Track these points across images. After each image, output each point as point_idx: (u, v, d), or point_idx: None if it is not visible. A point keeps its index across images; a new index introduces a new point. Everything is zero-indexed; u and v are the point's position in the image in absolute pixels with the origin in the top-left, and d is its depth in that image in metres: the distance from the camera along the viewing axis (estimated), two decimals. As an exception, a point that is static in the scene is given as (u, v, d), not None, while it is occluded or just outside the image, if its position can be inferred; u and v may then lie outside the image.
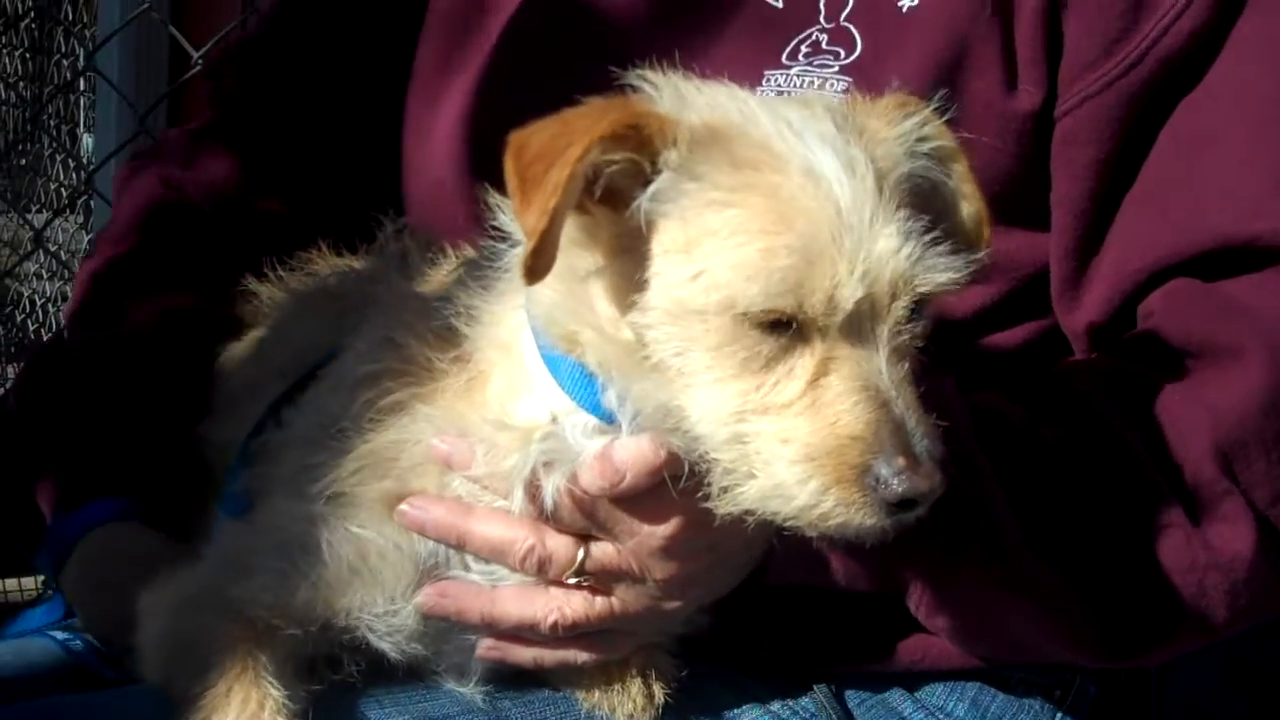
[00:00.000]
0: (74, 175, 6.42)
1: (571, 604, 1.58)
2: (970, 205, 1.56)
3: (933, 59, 1.76)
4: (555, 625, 1.58)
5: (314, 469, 1.64)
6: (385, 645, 1.63)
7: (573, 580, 1.58)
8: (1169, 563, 1.61)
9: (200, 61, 3.58)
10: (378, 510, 1.61)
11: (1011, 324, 1.84)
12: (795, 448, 1.38)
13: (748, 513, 1.43)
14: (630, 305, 1.43)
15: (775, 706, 1.79)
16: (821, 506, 1.38)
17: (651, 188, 1.41)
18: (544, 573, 1.57)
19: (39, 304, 6.33)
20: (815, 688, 1.80)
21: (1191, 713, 2.04)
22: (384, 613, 1.61)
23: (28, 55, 6.63)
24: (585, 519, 1.55)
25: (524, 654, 1.64)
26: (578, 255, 1.46)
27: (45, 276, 6.51)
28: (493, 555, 1.58)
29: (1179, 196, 1.73)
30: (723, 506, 1.44)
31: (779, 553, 1.62)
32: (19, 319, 6.43)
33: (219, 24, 3.99)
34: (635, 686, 1.71)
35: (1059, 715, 1.86)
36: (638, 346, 1.43)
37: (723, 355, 1.39)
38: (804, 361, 1.39)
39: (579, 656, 1.64)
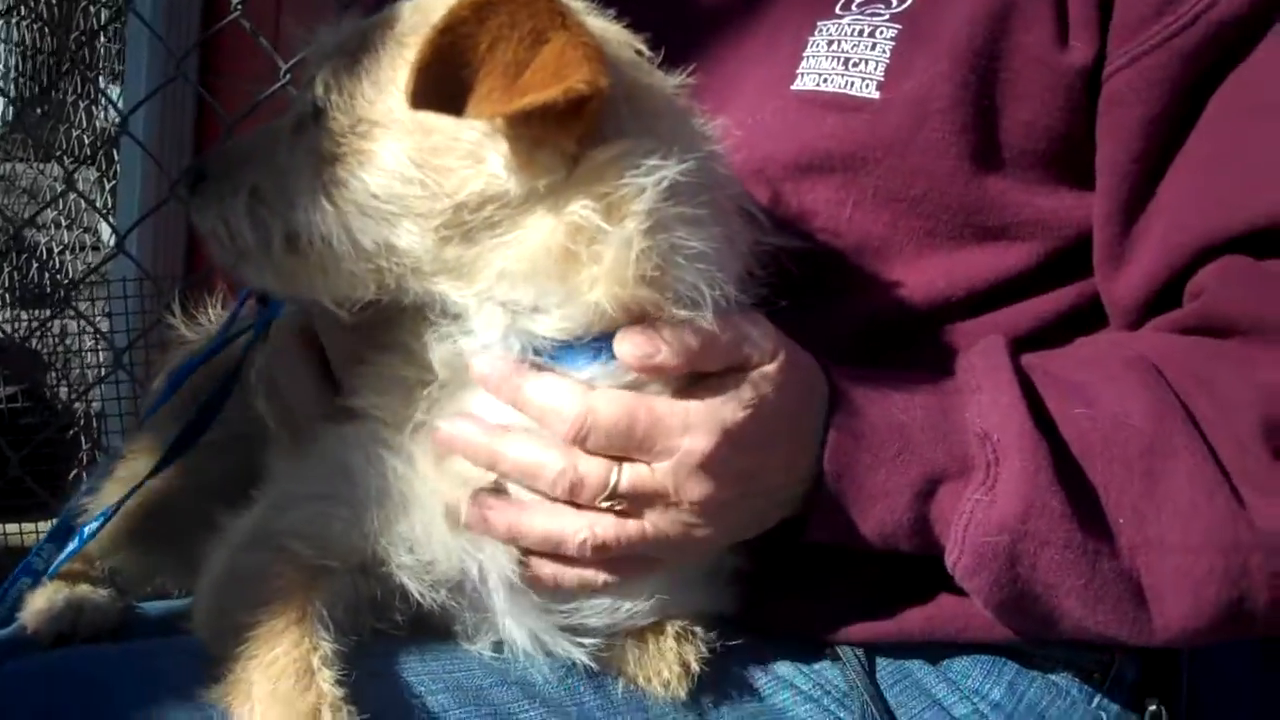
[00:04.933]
0: (95, 124, 6.40)
1: (602, 524, 1.56)
2: None
3: (983, 8, 1.74)
4: (584, 544, 1.56)
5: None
6: (413, 587, 1.60)
7: (605, 504, 1.55)
8: (1212, 540, 1.60)
9: (239, 6, 3.54)
10: (407, 429, 1.59)
11: (1056, 286, 1.82)
12: None
13: None
14: None
15: (806, 686, 1.78)
16: None
17: None
18: (576, 495, 1.55)
19: (56, 252, 6.31)
20: (847, 669, 1.78)
21: (1225, 695, 2.02)
22: (413, 547, 1.58)
23: (54, 1, 6.61)
24: (625, 434, 1.53)
25: (544, 569, 1.61)
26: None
27: (63, 225, 6.51)
28: (524, 478, 1.56)
29: (1230, 171, 1.71)
30: None
31: (819, 508, 1.62)
32: (34, 266, 6.42)
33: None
34: (671, 656, 1.69)
35: (1097, 698, 1.83)
36: None
37: None
38: None
39: (599, 578, 1.61)
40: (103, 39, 6.11)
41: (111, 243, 6.02)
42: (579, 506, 1.56)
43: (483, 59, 1.40)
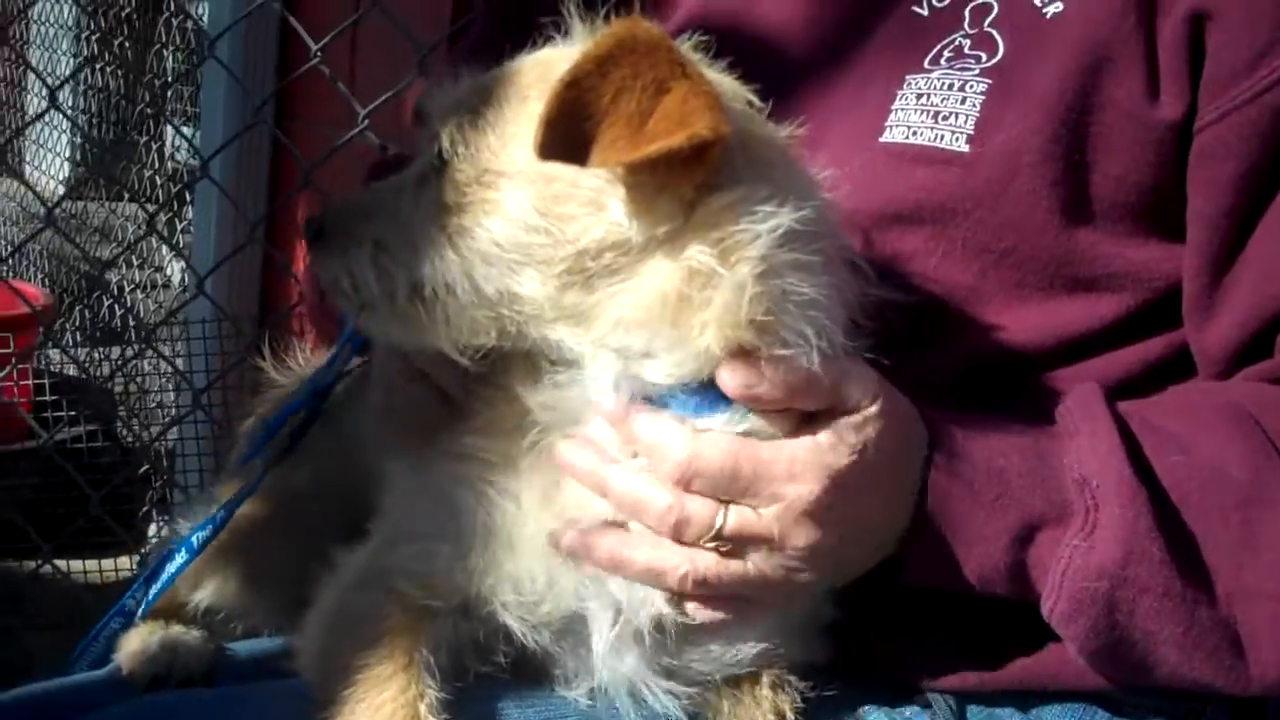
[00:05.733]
0: (167, 165, 6.49)
1: (704, 560, 1.56)
2: None
3: (1074, 63, 1.75)
4: (684, 578, 1.56)
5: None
6: (517, 627, 1.62)
7: (709, 545, 1.56)
8: None
9: (319, 54, 3.60)
10: (514, 467, 1.61)
11: (1145, 337, 1.82)
12: None
13: None
14: None
15: None
16: None
17: None
18: (681, 533, 1.55)
19: (126, 290, 6.40)
20: (938, 716, 1.77)
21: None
22: (519, 587, 1.60)
23: (126, 45, 6.72)
24: (729, 479, 1.54)
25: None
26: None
27: (135, 264, 6.60)
28: (630, 510, 1.57)
29: None
30: None
31: (917, 549, 1.62)
32: (106, 303, 6.50)
33: (332, 18, 4.04)
34: (767, 705, 1.69)
35: None
36: None
37: None
38: None
39: (699, 613, 1.61)
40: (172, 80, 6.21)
41: (179, 282, 6.12)
42: (682, 543, 1.57)
43: (606, 110, 1.44)
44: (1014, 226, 1.75)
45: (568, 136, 1.44)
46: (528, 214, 1.55)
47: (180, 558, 2.04)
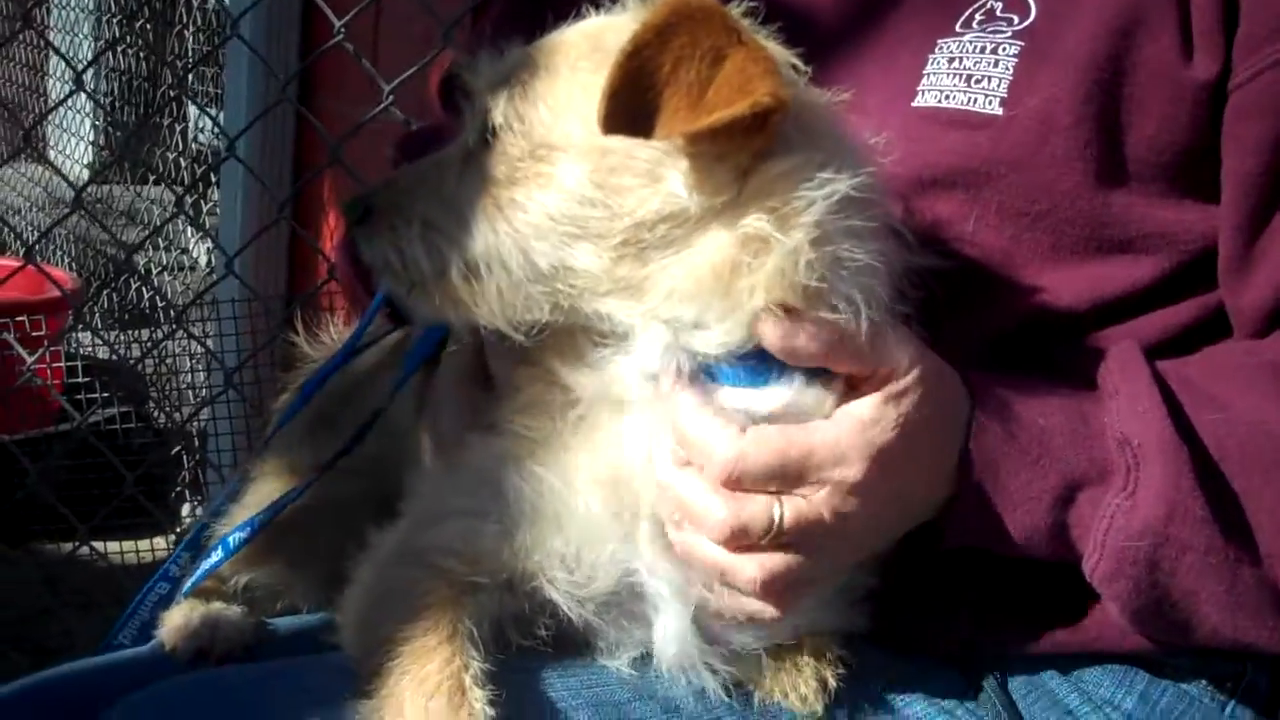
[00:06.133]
0: (191, 146, 6.51)
1: (772, 561, 1.56)
2: None
3: (1106, 24, 1.74)
4: (753, 581, 1.55)
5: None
6: (563, 602, 1.61)
7: (769, 543, 1.55)
8: None
9: (343, 30, 3.59)
10: (559, 444, 1.61)
11: (1181, 298, 1.81)
12: None
13: None
14: None
15: (939, 697, 1.78)
16: None
17: None
18: (740, 541, 1.54)
19: (154, 273, 6.42)
20: (983, 682, 1.78)
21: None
22: (567, 562, 1.60)
23: (148, 27, 6.73)
24: (777, 472, 1.53)
25: (722, 600, 1.62)
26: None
27: (162, 246, 6.63)
28: (688, 519, 1.57)
29: None
30: None
31: (959, 512, 1.62)
32: (133, 286, 6.53)
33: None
34: (809, 671, 1.70)
35: (1230, 705, 1.82)
36: None
37: None
38: None
39: (767, 611, 1.60)
40: (191, 59, 6.22)
41: (205, 264, 6.14)
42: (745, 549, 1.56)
43: (667, 80, 1.43)
44: (1047, 189, 1.74)
45: (631, 108, 1.43)
46: (584, 187, 1.54)
47: (216, 555, 2.05)
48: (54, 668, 1.99)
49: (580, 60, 1.58)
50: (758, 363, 1.56)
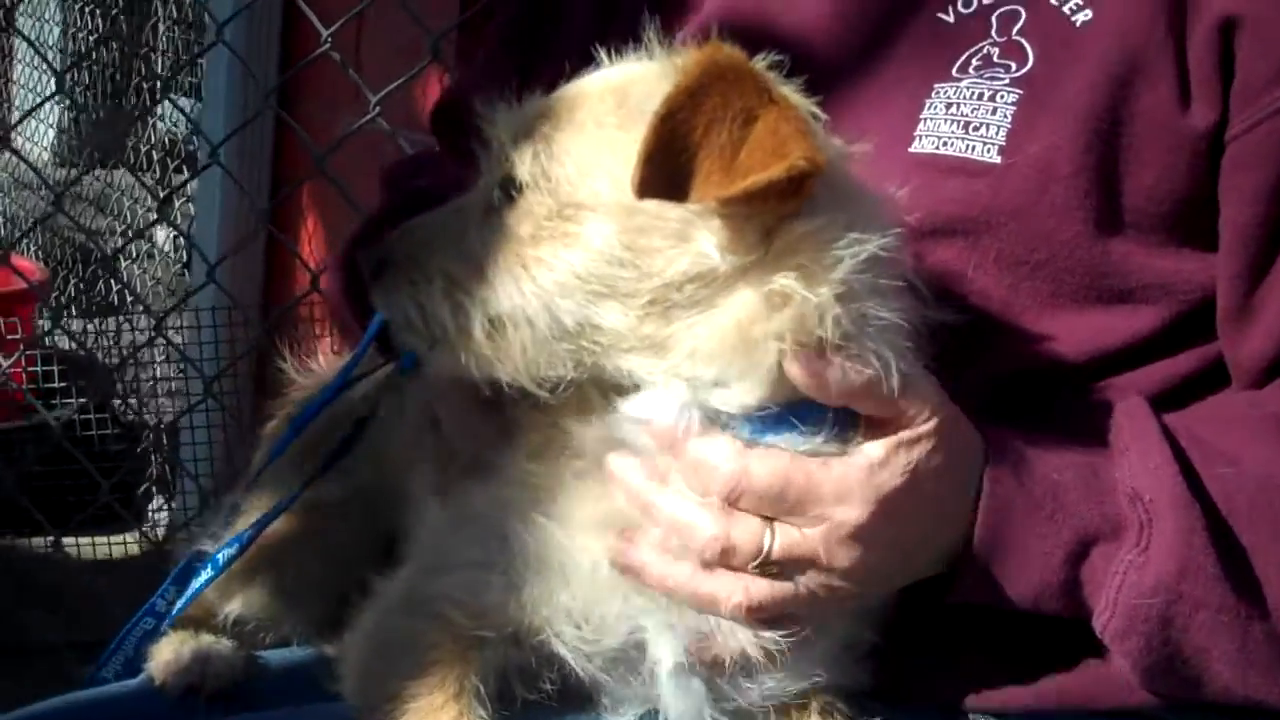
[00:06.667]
0: (164, 138, 6.43)
1: (756, 586, 1.56)
2: None
3: (1105, 72, 1.74)
4: (738, 606, 1.56)
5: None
6: (570, 657, 1.61)
7: (754, 569, 1.55)
8: None
9: (329, 40, 3.57)
10: (565, 495, 1.60)
11: (1179, 349, 1.81)
12: None
13: None
14: None
15: None
16: None
17: None
18: (727, 560, 1.55)
19: (122, 264, 6.35)
20: None
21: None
22: (574, 617, 1.59)
23: (120, 16, 6.65)
24: (777, 497, 1.53)
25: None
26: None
27: (120, 231, 6.56)
28: (675, 533, 1.56)
29: None
30: None
31: (970, 568, 1.62)
32: (101, 275, 6.46)
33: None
34: None
35: None
36: None
37: None
38: None
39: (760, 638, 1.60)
40: (165, 51, 6.16)
41: (168, 250, 6.08)
42: (731, 569, 1.57)
43: (700, 143, 1.42)
44: (1047, 238, 1.74)
45: (666, 173, 1.43)
46: (612, 247, 1.53)
47: (205, 574, 2.03)
48: (41, 703, 1.97)
49: (607, 116, 1.57)
50: (771, 416, 1.56)
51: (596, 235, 1.54)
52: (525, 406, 1.66)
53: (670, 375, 1.55)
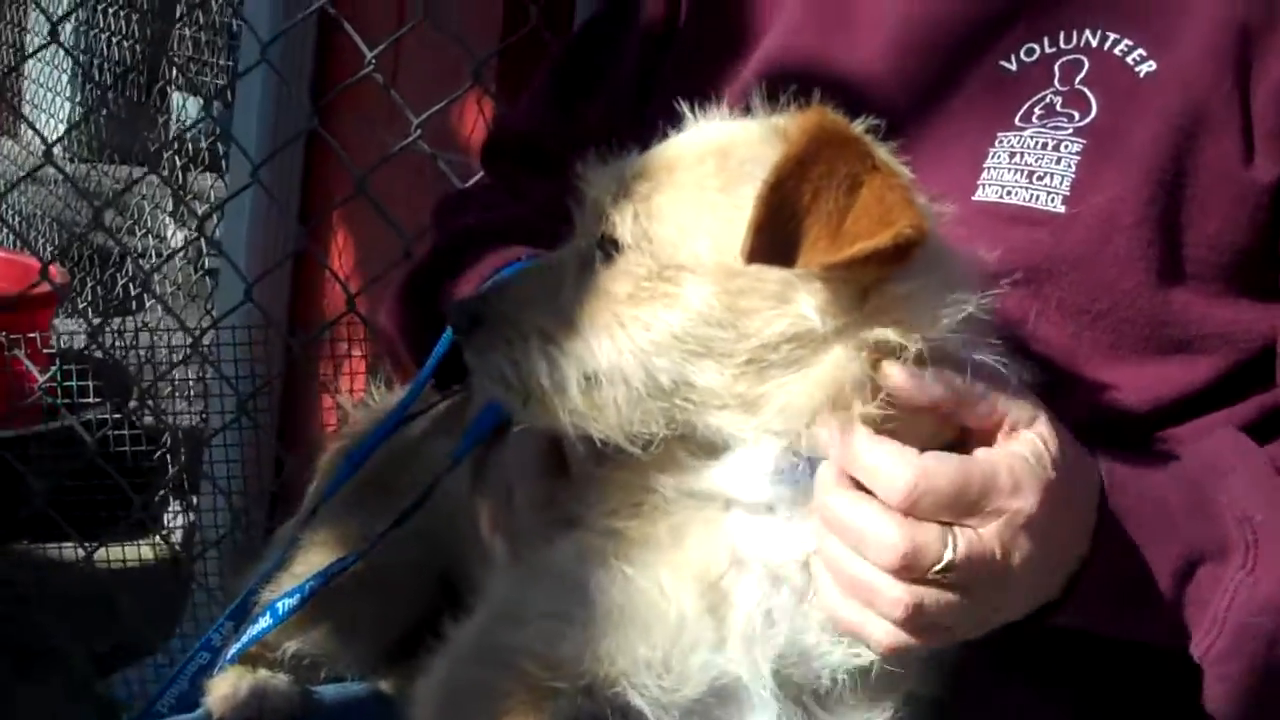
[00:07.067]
0: (163, 132, 6.43)
1: (930, 596, 1.51)
2: None
3: (1169, 123, 1.76)
4: (899, 601, 1.51)
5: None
6: (647, 708, 1.60)
7: (935, 576, 1.50)
8: None
9: (374, 62, 3.58)
10: (653, 547, 1.61)
11: (1239, 399, 1.82)
12: None
13: None
14: None
15: None
16: None
17: None
18: (910, 567, 1.49)
19: (131, 259, 6.34)
20: None
21: None
22: (655, 669, 1.59)
23: (150, 17, 6.65)
24: (959, 496, 1.49)
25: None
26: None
27: (138, 233, 6.55)
28: (850, 539, 1.53)
29: None
30: None
31: (1083, 587, 1.60)
32: (109, 272, 6.46)
33: (374, 18, 4.02)
34: None
35: None
36: None
37: None
38: None
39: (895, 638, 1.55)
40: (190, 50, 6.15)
41: (176, 243, 6.06)
42: (908, 578, 1.51)
43: (807, 209, 1.44)
44: (1108, 287, 1.76)
45: (775, 241, 1.44)
46: (711, 308, 1.54)
47: (264, 621, 2.04)
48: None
49: (709, 179, 1.58)
50: None
51: (696, 296, 1.55)
52: (608, 463, 1.68)
53: (761, 431, 1.57)
